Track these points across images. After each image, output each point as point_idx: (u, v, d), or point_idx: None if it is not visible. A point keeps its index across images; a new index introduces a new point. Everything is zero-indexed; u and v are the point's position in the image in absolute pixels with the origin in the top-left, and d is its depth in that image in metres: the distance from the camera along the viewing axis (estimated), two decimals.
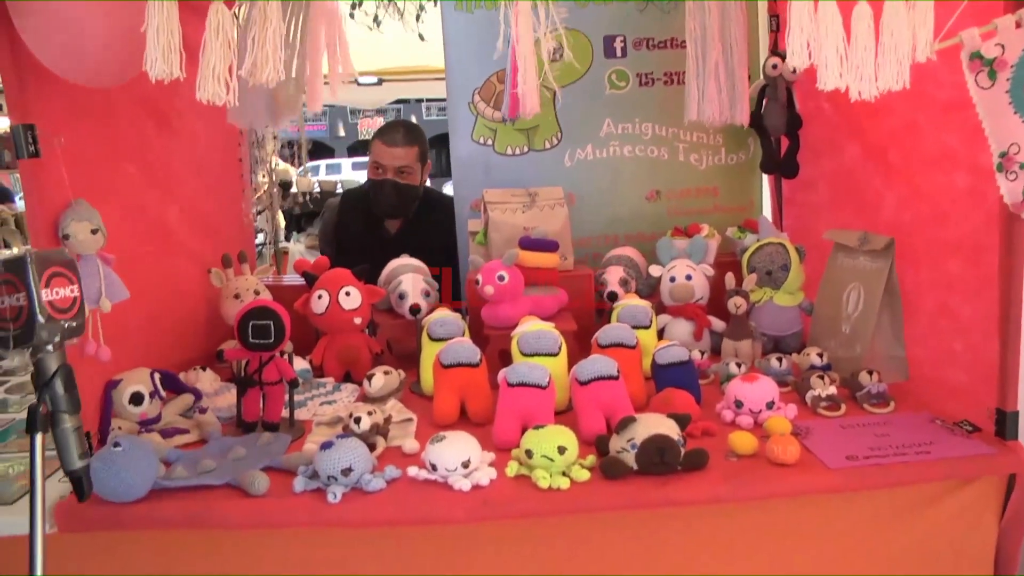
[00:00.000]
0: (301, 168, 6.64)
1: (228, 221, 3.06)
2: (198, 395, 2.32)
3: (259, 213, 3.60)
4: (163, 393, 2.19)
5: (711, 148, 3.21)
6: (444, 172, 3.73)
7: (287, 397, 2.19)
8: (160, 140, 2.54)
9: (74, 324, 1.50)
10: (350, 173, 18.26)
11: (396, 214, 3.37)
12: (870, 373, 2.27)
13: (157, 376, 2.18)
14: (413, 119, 17.45)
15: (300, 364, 2.52)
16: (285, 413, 2.19)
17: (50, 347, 1.48)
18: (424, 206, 3.41)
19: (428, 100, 23.31)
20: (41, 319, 1.44)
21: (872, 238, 2.39)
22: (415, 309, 2.57)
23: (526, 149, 3.14)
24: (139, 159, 2.42)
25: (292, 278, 2.88)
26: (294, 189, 6.61)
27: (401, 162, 3.27)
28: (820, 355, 2.45)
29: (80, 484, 1.56)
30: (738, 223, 3.10)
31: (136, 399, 2.11)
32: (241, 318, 2.11)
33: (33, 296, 1.43)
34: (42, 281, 1.44)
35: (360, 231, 3.46)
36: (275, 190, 3.97)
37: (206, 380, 2.45)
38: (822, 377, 2.27)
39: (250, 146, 3.44)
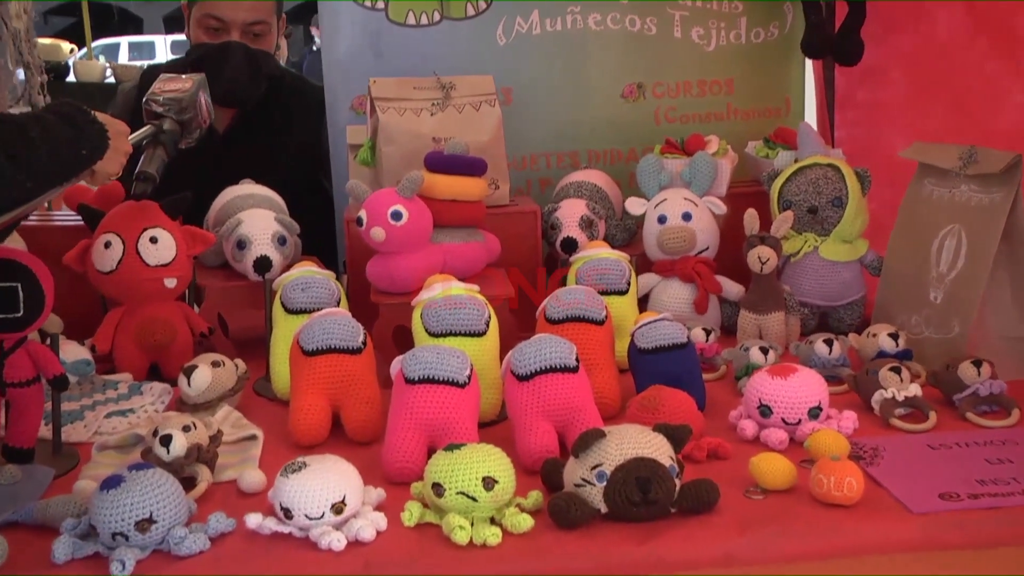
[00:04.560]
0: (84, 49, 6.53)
1: None
2: None
3: None
4: None
5: (724, 18, 3.27)
6: None
7: (50, 405, 2.13)
8: None
9: None
10: (167, 55, 18.18)
11: (243, 95, 3.26)
12: (978, 364, 2.25)
13: None
14: None
15: (76, 352, 2.45)
16: (46, 431, 2.14)
17: None
18: (274, 92, 3.34)
19: None
20: None
21: (984, 155, 2.40)
22: (263, 263, 2.57)
23: (437, 17, 3.14)
24: None
25: (65, 215, 2.85)
26: (71, 78, 6.49)
27: (252, 15, 3.20)
28: (894, 336, 2.46)
29: None
30: (765, 134, 3.13)
31: None
32: None
33: None
34: None
35: None
36: (36, 80, 3.83)
37: None
38: (898, 370, 2.26)
39: None
